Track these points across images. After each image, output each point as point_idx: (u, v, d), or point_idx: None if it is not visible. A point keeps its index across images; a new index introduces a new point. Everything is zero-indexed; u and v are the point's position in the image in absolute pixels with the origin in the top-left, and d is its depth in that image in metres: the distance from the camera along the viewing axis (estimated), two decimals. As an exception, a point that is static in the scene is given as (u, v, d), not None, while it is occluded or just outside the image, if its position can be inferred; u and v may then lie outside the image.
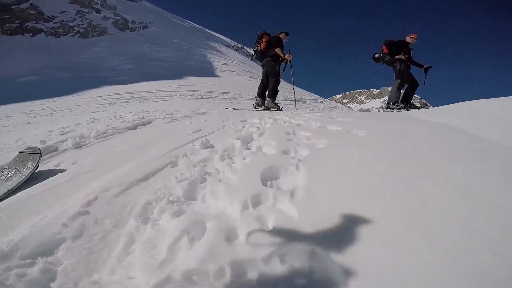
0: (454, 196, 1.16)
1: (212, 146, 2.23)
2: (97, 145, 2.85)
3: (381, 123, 2.93)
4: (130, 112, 4.95)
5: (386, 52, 6.60)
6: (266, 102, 6.67)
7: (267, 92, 6.71)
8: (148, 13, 44.47)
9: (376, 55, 6.80)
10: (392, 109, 6.58)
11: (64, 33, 32.06)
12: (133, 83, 12.08)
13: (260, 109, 6.81)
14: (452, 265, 0.83)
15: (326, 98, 22.58)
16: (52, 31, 31.78)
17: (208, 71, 18.79)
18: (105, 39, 28.58)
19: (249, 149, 2.17)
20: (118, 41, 25.80)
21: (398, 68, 6.48)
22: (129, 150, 2.42)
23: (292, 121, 3.30)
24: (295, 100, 7.49)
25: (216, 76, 17.57)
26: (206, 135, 2.53)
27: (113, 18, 37.21)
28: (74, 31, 32.93)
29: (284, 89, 13.53)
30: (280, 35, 6.44)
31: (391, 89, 6.81)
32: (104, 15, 37.15)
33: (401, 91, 6.72)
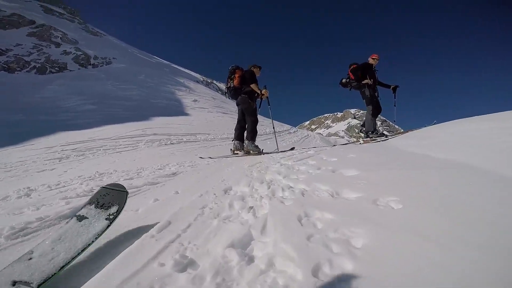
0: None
1: (192, 264, 1.32)
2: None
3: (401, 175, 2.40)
4: (80, 176, 3.97)
5: (352, 78, 6.53)
6: (245, 145, 6.06)
7: (245, 134, 6.19)
8: (112, 48, 43.60)
9: (344, 80, 6.74)
10: (371, 137, 6.46)
11: (19, 69, 29.40)
12: (93, 127, 10.93)
13: (240, 154, 6.16)
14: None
15: (295, 127, 22.62)
16: (4, 65, 28.77)
17: (177, 109, 18.00)
18: (64, 76, 26.78)
19: (253, 262, 1.29)
20: (78, 78, 24.30)
21: (366, 93, 6.39)
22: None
23: (291, 185, 2.61)
24: (276, 140, 7.01)
25: (186, 114, 16.83)
26: (179, 236, 1.67)
27: (74, 53, 35.55)
28: (30, 66, 30.26)
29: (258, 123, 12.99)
30: (254, 69, 6.03)
31: (366, 117, 6.73)
32: (64, 49, 35.29)
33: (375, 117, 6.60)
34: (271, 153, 6.08)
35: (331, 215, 1.72)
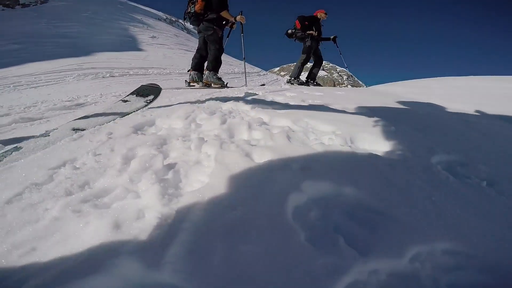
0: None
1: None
2: None
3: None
4: None
5: (299, 27, 6.58)
6: (205, 76, 4.74)
7: (205, 64, 4.89)
8: None
9: (289, 31, 6.80)
10: (293, 83, 6.54)
11: None
12: (14, 66, 8.52)
13: (197, 86, 4.85)
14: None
15: (266, 71, 21.22)
16: None
17: (129, 45, 15.19)
18: (-24, 20, 21.53)
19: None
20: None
21: (307, 43, 6.49)
22: None
23: (264, 120, 1.55)
24: (245, 74, 5.55)
25: (141, 50, 14.26)
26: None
27: (-4, -6, 28.77)
28: None
29: (224, 61, 11.38)
30: None
31: (296, 63, 6.88)
32: (-16, -11, 28.39)
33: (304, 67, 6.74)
34: (237, 87, 4.94)
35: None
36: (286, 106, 1.74)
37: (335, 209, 0.74)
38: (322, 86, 6.52)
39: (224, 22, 4.76)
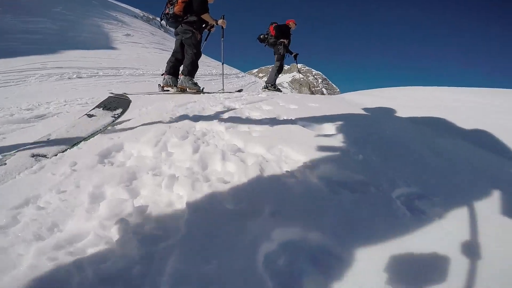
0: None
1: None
2: None
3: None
4: None
5: (273, 34, 6.84)
6: (180, 81, 4.62)
7: (181, 68, 4.72)
8: None
9: (262, 36, 7.09)
10: (270, 89, 7.06)
11: None
12: (-32, 62, 7.83)
13: (171, 90, 4.70)
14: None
15: (244, 72, 21.30)
16: None
17: (101, 43, 14.49)
18: None
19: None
20: None
21: (280, 51, 6.84)
22: None
23: (239, 146, 1.51)
24: (222, 78, 5.48)
25: (113, 48, 13.69)
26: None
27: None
28: None
29: (202, 62, 11.26)
30: None
31: (272, 70, 7.25)
32: None
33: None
34: (214, 93, 4.85)
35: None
36: (262, 124, 1.71)
37: (301, 254, 0.76)
38: (281, 91, 7.14)
39: (203, 25, 4.68)
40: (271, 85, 7.17)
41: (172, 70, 4.75)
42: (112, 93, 2.00)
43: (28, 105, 2.72)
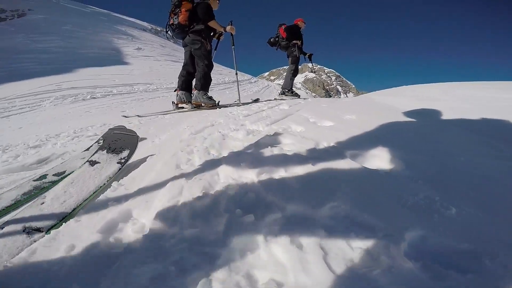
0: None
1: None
2: None
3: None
4: None
5: (284, 37, 6.50)
6: (194, 96, 4.36)
7: (193, 83, 4.46)
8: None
9: (272, 39, 6.75)
10: (287, 95, 6.68)
11: None
12: (-14, 88, 7.94)
13: (186, 107, 4.48)
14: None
15: (256, 77, 21.07)
16: None
17: (113, 59, 14.58)
18: None
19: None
20: None
21: (295, 53, 6.45)
22: None
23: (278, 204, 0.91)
24: (238, 89, 5.15)
25: (125, 63, 13.69)
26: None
27: (-36, 10, 27.27)
28: None
29: (213, 71, 11.13)
30: (209, 1, 4.19)
31: (286, 75, 6.84)
32: None
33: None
34: (230, 105, 4.61)
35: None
36: (302, 163, 1.34)
37: None
38: (299, 95, 6.78)
39: (212, 34, 4.42)
40: (288, 90, 6.83)
41: (184, 85, 4.52)
42: (115, 130, 1.75)
43: (36, 140, 2.51)
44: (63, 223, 1.02)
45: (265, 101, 5.47)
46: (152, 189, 1.13)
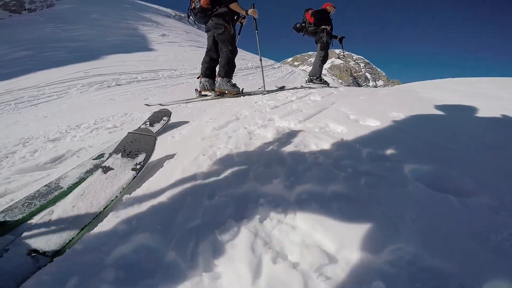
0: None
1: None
2: None
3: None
4: None
5: (311, 22, 6.19)
6: (217, 84, 4.15)
7: (217, 69, 4.26)
8: None
9: (298, 25, 6.47)
10: (315, 82, 6.42)
11: None
12: (21, 75, 8.22)
13: (210, 95, 4.24)
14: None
15: (279, 62, 20.44)
16: None
17: (139, 45, 14.66)
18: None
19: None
20: (6, 26, 19.16)
21: (324, 39, 6.15)
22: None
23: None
24: (262, 75, 4.77)
25: (151, 50, 13.72)
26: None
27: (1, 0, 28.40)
28: None
29: (237, 56, 10.85)
30: None
31: (315, 61, 6.57)
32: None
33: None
34: (254, 93, 4.34)
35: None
36: (349, 180, 1.07)
37: None
38: (328, 82, 6.53)
39: (235, 17, 4.13)
40: (316, 78, 6.48)
41: (208, 72, 4.32)
42: (131, 132, 1.62)
43: (56, 132, 2.42)
44: (67, 249, 0.85)
45: (291, 88, 5.13)
46: (168, 209, 0.92)
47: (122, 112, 3.18)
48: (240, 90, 4.26)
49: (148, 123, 2.36)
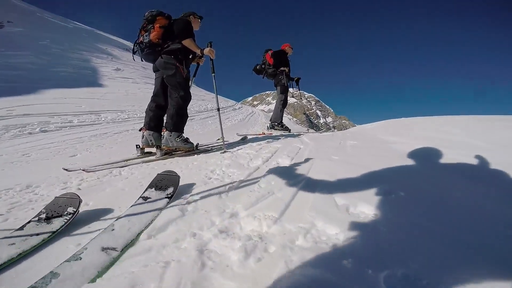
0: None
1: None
2: None
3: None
4: None
5: (271, 63, 6.19)
6: (164, 139, 3.39)
7: (165, 119, 3.66)
8: (9, 11, 33.10)
9: (258, 67, 6.42)
10: (277, 129, 6.31)
11: None
12: None
13: (154, 154, 3.50)
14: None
15: (239, 102, 20.66)
16: None
17: (87, 79, 13.42)
18: None
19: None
20: None
21: (283, 81, 6.09)
22: None
23: None
24: (220, 123, 4.13)
25: (100, 85, 12.61)
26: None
27: None
28: None
29: (195, 96, 10.33)
30: (190, 18, 3.46)
31: (275, 106, 6.43)
32: None
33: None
34: (210, 149, 3.81)
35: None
36: None
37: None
38: (289, 129, 6.42)
39: (190, 56, 3.59)
40: (278, 124, 6.38)
41: (153, 123, 3.59)
42: (159, 173, 2.05)
43: None
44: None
45: (253, 137, 4.71)
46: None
47: (25, 183, 2.32)
48: (194, 145, 3.65)
49: (44, 215, 1.58)
